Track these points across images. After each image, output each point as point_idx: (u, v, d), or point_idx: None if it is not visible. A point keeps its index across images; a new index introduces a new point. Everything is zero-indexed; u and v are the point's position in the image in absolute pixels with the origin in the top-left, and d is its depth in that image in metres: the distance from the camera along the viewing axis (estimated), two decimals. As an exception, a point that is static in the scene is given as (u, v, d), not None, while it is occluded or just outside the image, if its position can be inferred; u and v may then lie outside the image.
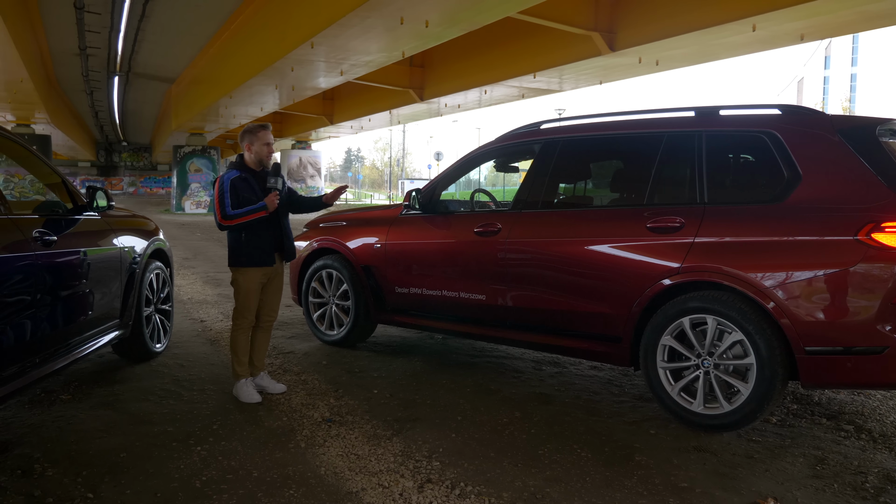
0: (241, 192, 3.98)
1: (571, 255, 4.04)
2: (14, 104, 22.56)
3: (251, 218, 3.94)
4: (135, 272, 4.52)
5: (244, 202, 3.97)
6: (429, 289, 4.69)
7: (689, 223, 3.65)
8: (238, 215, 3.94)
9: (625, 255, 3.84)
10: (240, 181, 4.01)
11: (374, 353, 5.19)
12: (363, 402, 4.03)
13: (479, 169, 5.33)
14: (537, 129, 4.54)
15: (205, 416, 3.74)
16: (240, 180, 4.01)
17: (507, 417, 3.80)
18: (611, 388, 4.41)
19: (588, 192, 4.77)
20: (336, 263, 5.24)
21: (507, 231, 4.29)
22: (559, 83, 17.76)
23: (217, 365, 4.78)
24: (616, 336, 3.90)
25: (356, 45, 13.10)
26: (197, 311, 6.85)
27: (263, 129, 4.06)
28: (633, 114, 4.27)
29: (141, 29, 17.66)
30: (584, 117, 4.39)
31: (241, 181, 4.01)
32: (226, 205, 3.95)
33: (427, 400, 4.09)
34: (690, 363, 3.63)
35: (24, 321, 3.14)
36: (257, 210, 3.94)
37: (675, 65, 15.22)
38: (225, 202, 3.95)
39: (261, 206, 3.94)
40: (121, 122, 37.99)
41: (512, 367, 4.86)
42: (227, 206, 3.94)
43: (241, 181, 4.01)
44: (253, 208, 3.95)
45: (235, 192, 3.98)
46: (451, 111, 23.97)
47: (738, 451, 3.35)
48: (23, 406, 3.89)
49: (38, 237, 3.33)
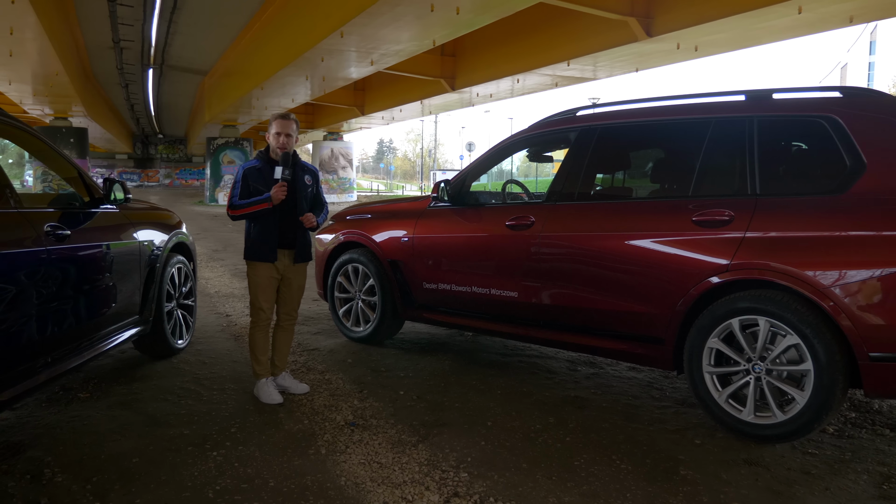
0: (251, 183, 3.83)
1: (610, 250, 3.78)
2: (51, 97, 22.89)
3: (254, 210, 3.78)
4: (155, 266, 4.38)
5: (254, 193, 3.81)
6: (458, 285, 4.47)
7: (740, 216, 3.36)
8: (243, 206, 3.80)
9: (668, 250, 3.57)
10: (253, 171, 3.86)
11: (401, 351, 4.99)
12: (388, 405, 3.84)
13: (510, 159, 5.07)
14: (573, 116, 4.27)
15: (223, 418, 3.59)
16: (254, 170, 3.86)
17: (541, 423, 3.57)
18: (651, 392, 4.14)
19: (628, 183, 4.49)
20: (362, 258, 5.06)
21: (541, 224, 4.05)
22: (593, 71, 17.33)
23: (240, 362, 4.63)
24: (658, 337, 3.64)
25: (386, 33, 12.93)
26: (223, 305, 6.73)
27: (278, 118, 3.87)
28: (676, 99, 3.97)
29: (173, 21, 17.74)
30: (624, 103, 4.12)
31: (255, 171, 3.86)
32: (234, 194, 3.83)
33: (455, 403, 3.88)
34: (740, 368, 3.35)
35: (34, 319, 3.01)
36: (261, 202, 3.76)
37: (715, 50, 14.70)
38: (234, 191, 3.83)
39: (265, 198, 3.76)
40: (156, 114, 38.52)
41: (545, 368, 4.62)
42: (234, 196, 3.83)
43: (254, 171, 3.86)
44: (256, 199, 3.78)
45: (246, 182, 3.83)
46: (483, 101, 23.66)
47: (793, 466, 3.08)
48: (40, 404, 3.78)
49: (51, 231, 3.20)
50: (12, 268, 2.86)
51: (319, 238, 5.54)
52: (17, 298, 2.88)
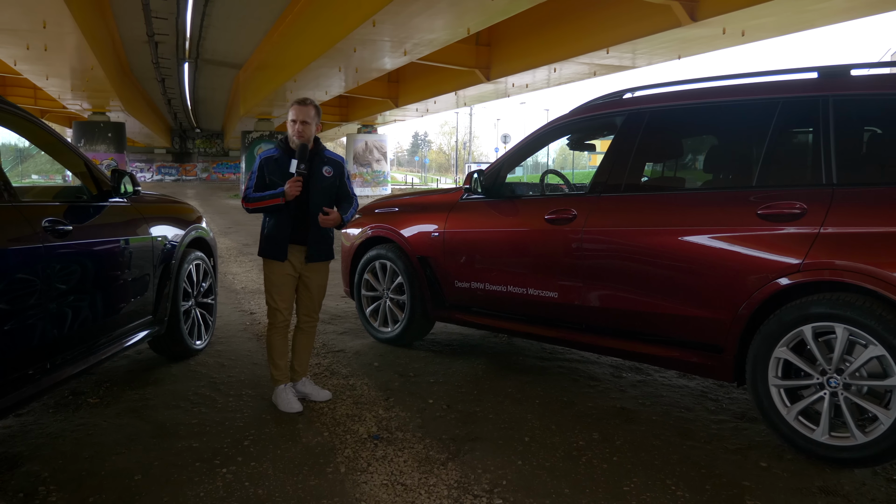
0: (267, 174, 3.53)
1: (661, 247, 3.39)
2: (89, 92, 23.09)
3: (266, 204, 3.48)
4: (170, 263, 4.13)
5: (270, 185, 3.51)
6: (492, 284, 4.13)
7: (814, 209, 2.95)
8: (256, 199, 3.51)
9: (728, 247, 3.17)
10: (270, 162, 3.55)
11: (431, 354, 4.67)
12: (416, 415, 3.52)
13: (546, 150, 4.69)
14: (619, 100, 3.88)
15: (237, 429, 3.31)
16: (271, 160, 3.55)
17: (584, 439, 3.21)
18: (705, 404, 3.75)
19: (681, 173, 4.07)
20: (390, 254, 4.74)
21: (584, 218, 3.68)
22: (633, 59, 16.69)
23: (260, 365, 4.36)
24: (716, 345, 3.25)
25: (419, 22, 12.58)
26: (248, 302, 6.50)
27: (295, 105, 3.54)
28: (735, 78, 3.55)
29: (207, 14, 17.66)
30: (676, 84, 3.71)
31: (272, 162, 3.55)
32: (249, 186, 3.54)
33: (489, 413, 3.55)
34: (812, 381, 2.95)
35: (30, 322, 2.76)
36: (275, 196, 3.45)
37: (762, 35, 13.98)
38: (249, 183, 3.54)
39: (278, 193, 3.44)
40: (192, 109, 38.83)
41: (587, 374, 4.25)
42: (249, 188, 3.54)
43: (271, 162, 3.55)
44: (271, 193, 3.47)
45: (262, 172, 3.53)
46: (519, 91, 23.15)
47: (877, 497, 2.67)
48: (48, 409, 3.56)
49: (49, 227, 2.94)
50: (2, 267, 2.61)
51: (346, 233, 5.24)
52: (9, 300, 2.63)
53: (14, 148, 63.49)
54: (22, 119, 3.16)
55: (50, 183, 27.80)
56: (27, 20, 12.69)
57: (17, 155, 64.27)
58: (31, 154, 56.14)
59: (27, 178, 52.35)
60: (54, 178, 29.19)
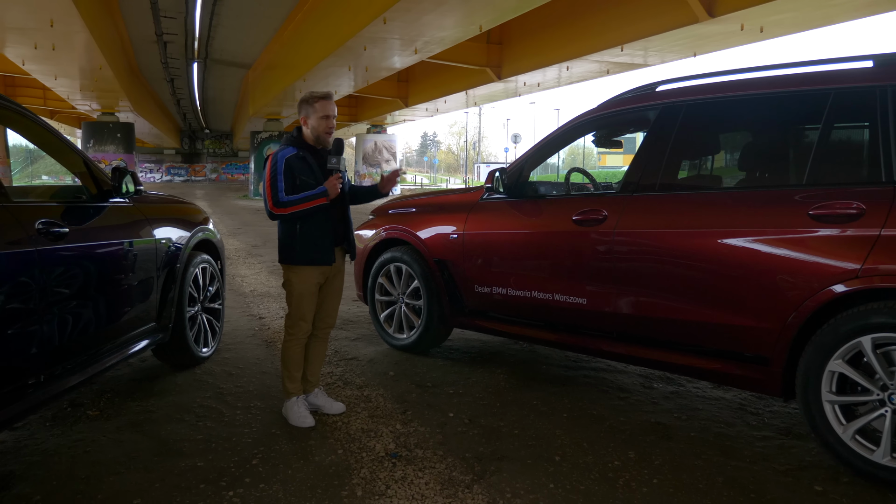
0: (298, 175, 3.25)
1: (701, 250, 3.14)
2: (98, 92, 22.98)
3: (309, 206, 3.21)
4: (174, 267, 3.91)
5: (302, 186, 3.24)
6: (515, 289, 3.89)
7: (873, 209, 2.70)
8: (293, 202, 3.21)
9: (777, 251, 2.92)
10: (297, 160, 3.26)
11: (449, 362, 4.44)
12: (436, 430, 3.29)
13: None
14: (653, 92, 3.63)
15: (245, 446, 3.08)
16: (297, 159, 3.26)
17: (620, 459, 2.97)
18: (746, 418, 3.50)
19: (721, 171, 3.81)
20: (406, 256, 4.51)
21: (615, 219, 3.44)
22: (644, 57, 16.36)
23: (269, 374, 4.14)
24: (761, 356, 3.00)
25: (430, 19, 12.36)
26: (257, 306, 6.28)
27: (322, 99, 3.31)
28: (779, 68, 3.29)
29: (215, 13, 17.50)
30: (715, 74, 3.46)
31: (299, 160, 3.27)
32: (279, 189, 3.20)
33: (514, 429, 3.31)
34: (871, 397, 2.70)
35: (18, 332, 2.54)
36: (317, 196, 3.21)
37: (781, 31, 13.66)
38: (278, 185, 3.20)
39: (320, 192, 3.21)
40: (202, 109, 38.78)
41: (616, 385, 4.01)
42: (280, 191, 3.21)
43: (298, 160, 3.26)
44: (311, 194, 3.21)
45: (291, 173, 3.24)
46: (530, 90, 22.88)
47: (951, 527, 2.42)
48: (44, 423, 3.35)
49: (44, 229, 2.73)
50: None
51: (359, 234, 5.02)
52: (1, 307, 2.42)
53: (24, 149, 63.58)
54: (15, 114, 2.95)
55: (49, 183, 27.64)
56: (34, 18, 12.55)
57: (26, 156, 64.44)
58: (40, 155, 56.08)
59: (36, 179, 52.43)
60: (64, 178, 29.00)
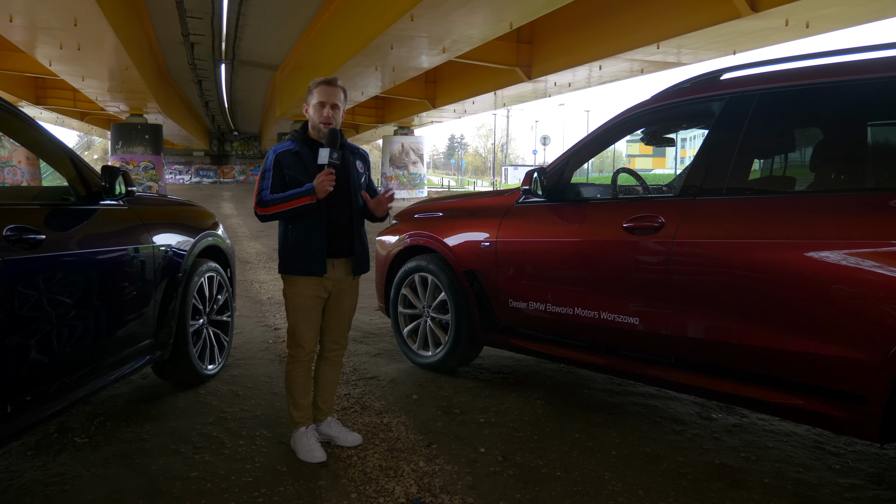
0: (286, 171, 2.85)
1: (781, 265, 2.65)
2: (126, 94, 22.98)
3: (293, 206, 2.79)
4: (176, 277, 3.53)
5: (291, 184, 2.85)
6: (556, 304, 3.44)
7: None
8: (275, 201, 2.81)
9: (878, 268, 2.43)
10: (288, 156, 2.88)
11: (479, 384, 3.99)
12: (465, 469, 2.85)
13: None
14: (716, 81, 3.15)
15: (244, 486, 2.67)
16: (289, 155, 2.88)
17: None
18: (826, 459, 3.00)
19: (803, 172, 3.29)
20: (432, 266, 4.09)
21: (675, 227, 2.96)
22: (678, 55, 15.77)
23: (280, 395, 3.74)
24: (856, 393, 2.50)
25: (458, 16, 11.97)
26: (273, 316, 5.90)
27: (320, 84, 2.92)
28: (868, 51, 2.79)
29: (242, 14, 17.28)
30: (792, 59, 2.97)
31: (291, 156, 2.88)
32: (264, 186, 2.83)
33: (556, 470, 2.85)
34: None
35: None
36: (301, 195, 2.78)
37: (828, 27, 12.95)
38: (263, 183, 2.83)
39: (307, 190, 2.78)
40: (230, 111, 38.82)
41: (669, 414, 3.53)
42: (264, 189, 2.83)
43: (289, 156, 2.88)
44: (296, 192, 2.80)
45: (280, 169, 2.86)
46: (560, 90, 22.34)
47: None
48: (26, 452, 2.98)
49: (13, 236, 2.35)
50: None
51: (381, 240, 4.61)
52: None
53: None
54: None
55: (33, 183, 27.52)
56: (58, 18, 12.42)
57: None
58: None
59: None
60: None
